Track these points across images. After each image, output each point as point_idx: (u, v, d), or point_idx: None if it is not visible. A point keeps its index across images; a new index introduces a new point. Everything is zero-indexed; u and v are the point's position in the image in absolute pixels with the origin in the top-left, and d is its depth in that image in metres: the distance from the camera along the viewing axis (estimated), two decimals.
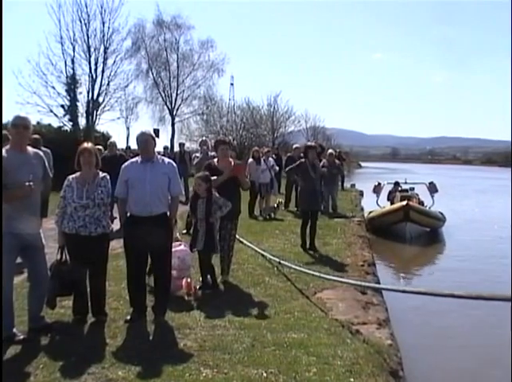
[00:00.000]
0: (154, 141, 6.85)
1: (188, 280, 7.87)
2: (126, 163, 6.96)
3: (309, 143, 14.95)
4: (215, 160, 8.90)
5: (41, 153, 6.40)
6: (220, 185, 8.35)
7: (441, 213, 20.67)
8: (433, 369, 7.70)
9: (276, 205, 17.10)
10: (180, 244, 8.07)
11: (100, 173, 6.57)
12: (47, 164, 6.44)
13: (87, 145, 6.57)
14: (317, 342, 6.13)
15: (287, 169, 13.14)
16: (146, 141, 6.71)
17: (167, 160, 6.95)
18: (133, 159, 6.97)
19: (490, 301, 4.58)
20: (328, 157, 18.61)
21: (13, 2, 62.95)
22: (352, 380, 5.22)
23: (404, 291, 7.41)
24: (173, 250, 7.58)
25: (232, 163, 8.62)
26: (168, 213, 6.82)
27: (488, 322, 9.27)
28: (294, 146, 21.13)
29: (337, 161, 19.59)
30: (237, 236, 9.37)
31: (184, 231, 12.26)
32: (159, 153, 8.80)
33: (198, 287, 8.13)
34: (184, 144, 24.72)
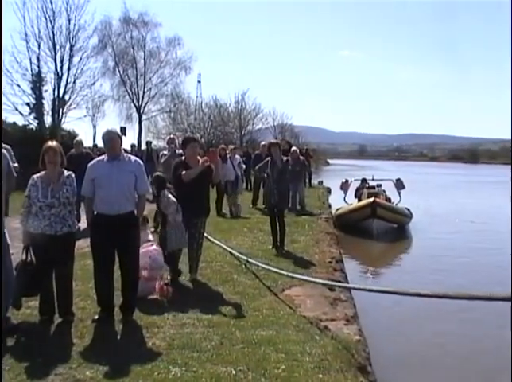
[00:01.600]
0: (120, 139, 6.80)
1: (161, 283, 7.79)
2: (92, 162, 6.90)
3: (273, 140, 14.95)
4: (183, 158, 8.85)
5: (4, 151, 6.30)
6: (190, 183, 8.31)
7: (408, 209, 20.87)
8: (401, 364, 7.76)
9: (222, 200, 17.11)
10: (152, 244, 8.01)
11: (65, 171, 6.50)
12: (10, 162, 6.36)
13: (52, 143, 6.49)
14: (286, 339, 6.15)
15: (256, 167, 13.13)
16: (112, 139, 6.66)
17: (133, 158, 6.90)
18: (100, 157, 6.91)
19: (455, 299, 4.63)
20: (292, 154, 18.64)
21: None
22: (321, 376, 5.24)
23: (371, 290, 7.46)
24: (145, 250, 7.55)
25: (200, 162, 8.57)
26: (136, 212, 6.77)
27: (455, 318, 9.37)
28: (261, 144, 21.15)
29: (301, 157, 19.58)
30: (205, 234, 9.35)
31: (153, 230, 12.20)
32: (126, 151, 8.76)
33: (169, 280, 8.09)
34: (151, 142, 24.67)
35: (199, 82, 72.32)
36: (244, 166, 19.15)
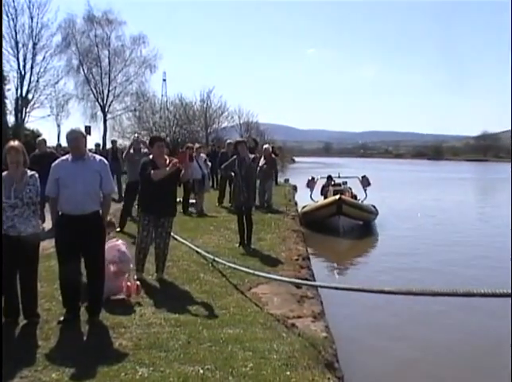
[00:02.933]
0: (85, 138, 6.74)
1: (129, 284, 7.71)
2: (56, 161, 6.83)
3: (239, 139, 15.01)
4: (151, 157, 8.79)
5: None
6: (157, 182, 8.28)
7: (374, 206, 21.05)
8: (368, 360, 7.83)
9: (194, 201, 17.09)
10: (117, 239, 7.95)
11: (28, 171, 6.43)
12: None
13: (14, 143, 6.42)
14: (253, 337, 6.16)
15: (222, 166, 13.12)
16: (76, 138, 6.59)
17: (98, 157, 6.85)
18: (64, 157, 6.84)
19: (420, 296, 4.69)
20: (264, 151, 18.69)
21: None
22: (288, 373, 5.26)
23: (336, 288, 7.52)
24: (113, 244, 7.50)
25: (167, 161, 8.53)
26: (101, 212, 6.72)
27: (421, 314, 9.48)
28: (227, 142, 21.14)
29: (273, 155, 19.65)
30: (172, 233, 9.32)
31: (118, 230, 12.13)
32: (90, 150, 8.67)
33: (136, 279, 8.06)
34: (116, 141, 24.47)
35: (164, 80, 72.21)
36: (210, 165, 19.14)
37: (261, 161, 17.42)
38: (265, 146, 19.65)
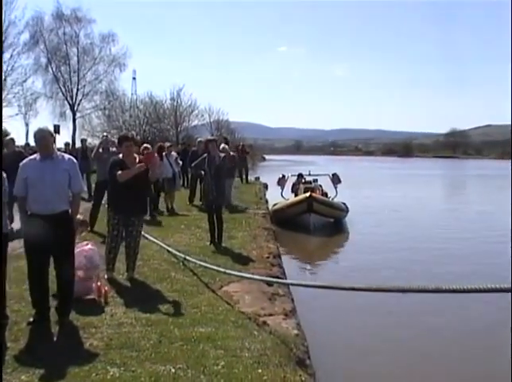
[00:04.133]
0: (53, 137, 6.68)
1: (99, 284, 7.67)
2: (24, 161, 6.75)
3: (210, 137, 14.99)
4: (120, 155, 8.73)
5: None
6: (126, 182, 8.23)
7: (344, 204, 21.12)
8: (340, 357, 7.87)
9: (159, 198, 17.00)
10: (88, 244, 7.89)
11: None
12: None
13: None
14: (225, 335, 6.17)
15: (192, 164, 13.08)
16: (44, 137, 6.52)
17: (67, 156, 6.79)
18: (32, 156, 6.77)
19: (389, 292, 4.74)
20: (222, 150, 18.65)
21: None
22: (260, 371, 5.28)
23: (307, 286, 7.56)
24: (79, 249, 7.43)
25: (137, 159, 8.49)
26: (70, 211, 6.66)
27: (392, 311, 9.55)
28: (198, 140, 21.10)
29: (232, 153, 19.59)
30: (142, 232, 9.28)
31: (88, 229, 12.03)
32: (59, 149, 8.60)
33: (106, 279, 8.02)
34: (86, 140, 24.28)
35: (134, 79, 71.75)
36: (181, 163, 19.07)
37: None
38: (222, 145, 19.53)
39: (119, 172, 8.28)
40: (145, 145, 17.55)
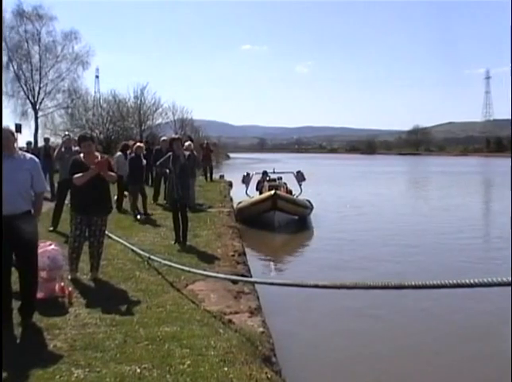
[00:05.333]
0: (14, 136, 6.59)
1: (62, 284, 7.59)
2: None
3: (174, 135, 14.95)
4: (82, 155, 8.65)
5: None
6: (89, 181, 8.16)
7: (309, 201, 21.22)
8: (306, 353, 7.91)
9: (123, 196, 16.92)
10: (51, 244, 7.80)
11: None
12: None
13: None
14: (190, 334, 6.15)
15: (157, 163, 13.03)
16: (5, 137, 6.44)
17: (29, 155, 6.70)
18: None
19: (353, 289, 4.77)
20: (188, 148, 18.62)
21: None
22: (226, 369, 5.28)
23: (272, 283, 7.57)
24: (42, 250, 7.34)
25: (99, 158, 8.41)
26: (33, 211, 6.59)
27: (355, 308, 9.62)
28: (161, 139, 21.04)
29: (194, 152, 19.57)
30: (106, 232, 9.21)
31: (51, 229, 11.91)
32: (21, 149, 8.49)
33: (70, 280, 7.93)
34: (48, 139, 24.01)
35: (97, 77, 71.34)
36: (145, 162, 18.96)
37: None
38: (188, 143, 19.50)
39: (75, 176, 8.21)
40: (138, 144, 17.49)
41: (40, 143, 29.67)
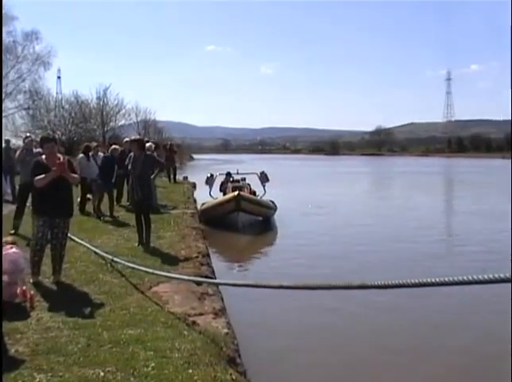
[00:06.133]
0: None
1: (24, 288, 7.48)
2: None
3: (133, 137, 14.88)
4: (43, 157, 8.54)
5: None
6: (50, 183, 8.07)
7: (272, 202, 21.29)
8: (270, 354, 7.93)
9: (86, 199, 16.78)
10: (12, 247, 7.69)
11: None
12: None
13: None
14: (154, 336, 6.13)
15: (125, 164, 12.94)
16: None
17: None
18: None
19: (317, 290, 4.80)
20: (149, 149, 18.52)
21: None
22: (191, 371, 5.27)
23: (235, 285, 7.58)
24: (4, 253, 7.23)
25: (61, 159, 8.32)
26: None
27: (320, 308, 9.67)
28: (124, 140, 20.92)
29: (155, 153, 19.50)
30: (68, 234, 9.11)
31: (12, 232, 11.75)
32: None
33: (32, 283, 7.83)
34: (9, 141, 23.68)
35: (58, 78, 70.56)
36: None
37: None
38: (148, 144, 19.37)
39: (36, 178, 8.12)
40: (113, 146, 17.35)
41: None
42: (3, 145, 22.68)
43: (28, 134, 16.25)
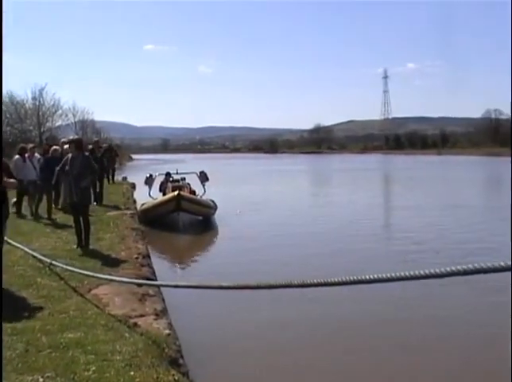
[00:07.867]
0: None
1: None
2: None
3: (71, 137, 14.68)
4: None
5: None
6: None
7: (213, 201, 21.28)
8: (213, 354, 7.93)
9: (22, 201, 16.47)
10: None
11: None
12: None
13: None
14: (95, 340, 6.06)
15: (58, 166, 12.72)
16: None
17: None
18: None
19: (257, 289, 4.83)
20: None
21: None
22: (132, 373, 5.24)
23: (176, 286, 7.56)
24: None
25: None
26: None
27: (263, 307, 9.70)
28: (61, 141, 20.61)
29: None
30: (5, 238, 8.91)
31: None
32: None
33: None
34: None
35: None
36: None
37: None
38: (54, 147, 19.02)
39: None
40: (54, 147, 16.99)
41: None
42: None
43: None
